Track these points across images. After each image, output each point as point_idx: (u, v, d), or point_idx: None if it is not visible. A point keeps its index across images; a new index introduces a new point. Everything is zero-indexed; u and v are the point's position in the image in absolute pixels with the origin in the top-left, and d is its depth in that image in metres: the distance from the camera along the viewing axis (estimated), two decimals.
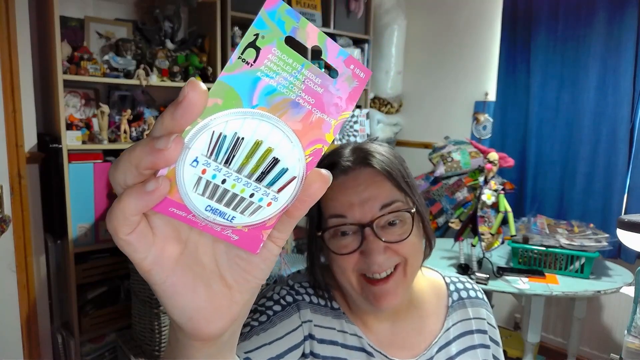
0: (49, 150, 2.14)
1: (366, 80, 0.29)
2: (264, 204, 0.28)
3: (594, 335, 2.72)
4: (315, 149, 0.28)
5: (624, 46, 2.46)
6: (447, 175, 2.84)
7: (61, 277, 2.35)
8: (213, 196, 0.27)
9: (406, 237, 0.71)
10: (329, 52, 0.27)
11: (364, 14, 3.26)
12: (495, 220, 1.96)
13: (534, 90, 2.81)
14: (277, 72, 0.26)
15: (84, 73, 2.15)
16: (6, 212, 2.06)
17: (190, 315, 0.29)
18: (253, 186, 0.27)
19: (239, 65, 0.26)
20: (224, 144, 0.26)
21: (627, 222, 1.89)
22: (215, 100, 0.26)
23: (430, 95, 3.49)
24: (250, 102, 0.26)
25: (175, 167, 0.26)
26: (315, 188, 0.29)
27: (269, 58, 0.26)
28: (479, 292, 0.89)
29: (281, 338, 0.71)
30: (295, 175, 0.28)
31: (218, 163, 0.26)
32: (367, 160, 0.73)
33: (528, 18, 2.82)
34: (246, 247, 0.29)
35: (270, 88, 0.26)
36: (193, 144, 0.26)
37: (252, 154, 0.27)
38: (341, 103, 0.28)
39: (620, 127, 2.50)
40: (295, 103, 0.27)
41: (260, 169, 0.27)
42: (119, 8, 2.48)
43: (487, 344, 0.85)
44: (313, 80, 0.27)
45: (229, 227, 0.28)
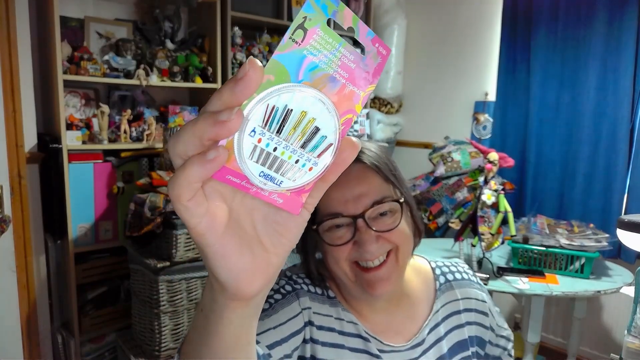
0: (49, 150, 2.14)
1: (387, 56, 0.32)
2: (307, 169, 0.31)
3: (594, 335, 2.72)
4: (347, 118, 0.32)
5: (624, 46, 2.46)
6: (447, 175, 2.84)
7: (61, 277, 2.35)
8: (266, 163, 0.30)
9: (396, 225, 0.75)
10: (360, 32, 0.31)
11: (363, 14, 3.26)
12: (495, 220, 1.96)
13: (534, 90, 2.81)
14: (319, 50, 0.29)
15: (84, 73, 2.15)
16: (6, 212, 2.06)
17: (236, 275, 0.32)
18: (298, 153, 0.31)
19: (290, 45, 0.29)
20: (276, 115, 0.29)
21: (627, 222, 1.89)
22: (268, 77, 0.28)
23: (430, 95, 3.49)
24: (297, 77, 0.29)
25: (235, 137, 0.29)
26: (347, 154, 0.32)
27: (313, 38, 0.29)
28: (464, 273, 0.93)
29: (284, 323, 0.75)
30: (332, 142, 0.31)
31: (271, 132, 0.29)
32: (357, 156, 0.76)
33: (528, 18, 2.82)
34: (289, 209, 0.32)
35: (313, 64, 0.30)
36: (252, 115, 0.29)
37: (298, 123, 0.30)
38: (369, 77, 0.32)
39: (620, 127, 2.50)
40: (332, 77, 0.30)
41: (304, 137, 0.30)
42: (119, 8, 2.48)
43: (472, 321, 0.89)
44: (348, 57, 0.31)
45: (275, 192, 0.31)
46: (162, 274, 2.00)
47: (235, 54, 2.63)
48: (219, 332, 0.37)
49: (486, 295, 0.93)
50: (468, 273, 0.94)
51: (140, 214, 2.06)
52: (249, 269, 0.33)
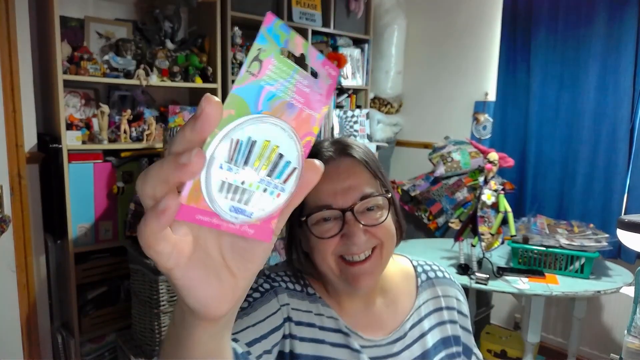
0: (49, 150, 2.14)
1: (336, 77, 0.34)
2: (275, 196, 0.32)
3: (594, 335, 2.72)
4: (307, 141, 0.33)
5: (623, 46, 2.46)
6: (447, 175, 2.84)
7: (61, 277, 2.35)
8: (235, 196, 0.30)
9: (383, 220, 0.77)
10: (310, 57, 0.32)
11: (364, 14, 3.26)
12: (495, 220, 1.96)
13: (534, 90, 2.81)
14: (275, 79, 0.30)
15: (84, 73, 2.15)
16: (6, 212, 2.06)
17: (204, 303, 0.33)
18: (265, 182, 0.31)
19: (247, 78, 0.29)
20: (242, 148, 0.30)
21: (627, 222, 1.89)
22: (229, 112, 0.29)
23: (430, 95, 3.49)
24: (257, 107, 0.30)
25: (202, 176, 0.29)
26: (309, 175, 0.33)
27: (269, 68, 0.30)
28: (445, 272, 0.97)
29: (263, 321, 0.76)
30: (296, 166, 0.32)
31: (237, 166, 0.30)
32: (347, 151, 0.80)
33: (528, 18, 2.82)
34: (261, 238, 0.33)
35: (271, 94, 0.30)
36: (217, 152, 0.29)
37: (263, 153, 0.31)
38: (322, 99, 0.33)
39: (620, 127, 2.50)
40: (290, 104, 0.31)
41: (270, 166, 0.31)
42: (119, 8, 2.48)
43: (455, 320, 0.91)
44: (302, 82, 0.32)
45: (245, 224, 0.32)
46: (162, 274, 2.00)
47: (235, 54, 2.63)
48: (190, 347, 0.38)
49: (464, 298, 0.96)
50: (449, 273, 0.97)
51: (140, 214, 2.05)
52: (216, 296, 0.33)
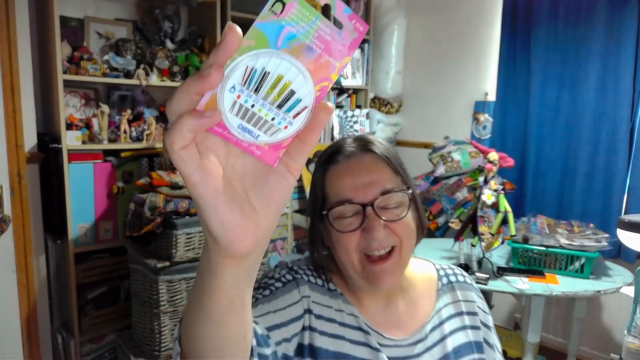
0: (49, 150, 2.14)
1: (364, 32, 0.35)
2: (282, 127, 0.34)
3: (594, 335, 2.72)
4: (322, 85, 0.35)
5: (623, 46, 2.46)
6: (447, 175, 2.84)
7: (61, 277, 2.35)
8: (244, 117, 0.33)
9: (403, 215, 0.78)
10: (337, 9, 0.34)
11: (363, 14, 3.26)
12: (495, 220, 1.96)
13: (534, 90, 2.81)
14: (297, 22, 0.33)
15: (84, 73, 2.15)
16: (6, 212, 2.06)
17: (227, 229, 0.35)
18: (274, 111, 0.34)
19: (269, 15, 0.32)
20: (254, 76, 0.33)
21: (627, 222, 1.89)
22: (249, 42, 0.32)
23: (430, 95, 3.49)
24: (276, 44, 0.33)
25: (217, 93, 0.32)
26: (322, 116, 0.35)
27: (291, 11, 0.32)
28: (467, 277, 0.96)
29: (284, 309, 0.76)
30: (306, 105, 0.34)
31: (249, 91, 0.33)
32: (369, 147, 0.81)
33: (528, 18, 2.82)
34: (266, 161, 0.35)
35: (291, 34, 0.33)
36: (232, 74, 0.32)
37: (275, 85, 0.33)
38: (344, 49, 0.34)
39: (620, 127, 2.50)
40: (309, 47, 0.33)
41: (280, 98, 0.34)
42: (119, 8, 2.48)
43: (476, 326, 0.90)
44: (324, 30, 0.34)
45: (253, 144, 0.35)
46: (162, 274, 2.00)
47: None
48: (214, 291, 0.40)
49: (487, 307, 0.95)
50: (470, 279, 0.96)
51: (140, 214, 2.06)
52: (239, 224, 0.35)
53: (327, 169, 0.83)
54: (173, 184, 2.11)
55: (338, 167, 0.81)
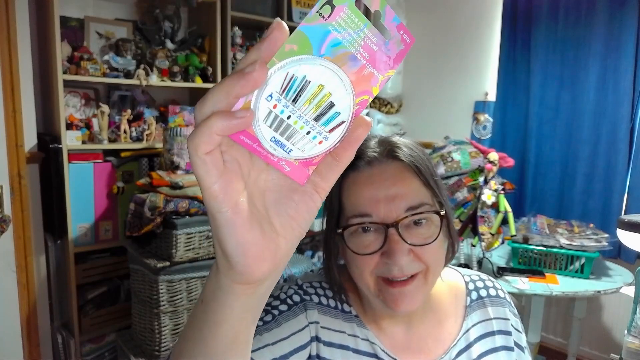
0: (49, 150, 2.14)
1: (410, 45, 0.33)
2: (317, 141, 0.32)
3: (594, 335, 2.72)
4: (362, 99, 0.32)
5: (623, 46, 2.46)
6: (447, 175, 2.83)
7: (61, 277, 2.35)
8: (278, 129, 0.30)
9: (432, 241, 0.66)
10: (386, 17, 0.32)
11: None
12: (495, 220, 1.96)
13: (534, 90, 2.81)
14: (344, 28, 0.30)
15: (84, 73, 2.15)
16: (6, 212, 2.06)
17: (244, 249, 0.32)
18: (311, 124, 0.31)
19: (316, 18, 0.29)
20: (294, 84, 0.30)
21: (627, 222, 1.88)
22: (292, 46, 0.29)
23: (430, 95, 3.49)
24: (320, 51, 0.30)
25: (252, 100, 0.29)
26: (359, 132, 0.32)
27: (340, 15, 0.30)
28: (500, 290, 0.84)
29: (286, 338, 0.68)
30: (344, 119, 0.32)
31: (287, 100, 0.30)
32: (394, 153, 0.69)
33: (528, 18, 2.82)
34: (295, 178, 0.33)
35: (336, 41, 0.30)
36: (270, 81, 0.29)
37: (314, 96, 0.30)
38: (390, 62, 0.32)
39: (620, 127, 2.50)
40: (353, 56, 0.31)
41: (318, 110, 0.31)
42: (119, 8, 2.48)
43: (510, 346, 0.79)
44: (371, 39, 0.31)
45: (283, 159, 0.32)
46: (162, 274, 2.00)
47: (235, 54, 2.63)
48: (219, 323, 0.36)
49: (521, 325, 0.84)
50: (504, 292, 0.85)
51: (140, 214, 2.06)
52: (257, 245, 0.32)
53: (345, 174, 0.70)
54: (173, 184, 2.11)
55: (358, 175, 0.69)
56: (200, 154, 0.29)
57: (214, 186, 0.30)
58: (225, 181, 0.30)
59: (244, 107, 0.29)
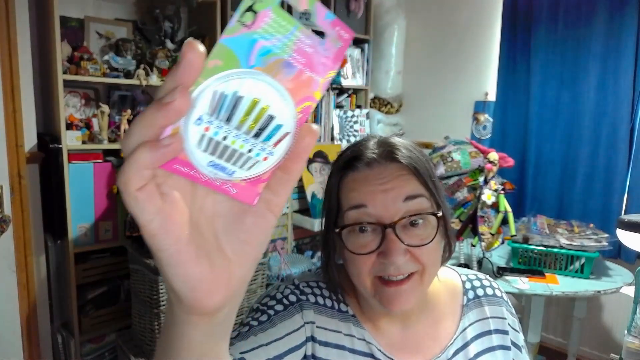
0: (49, 150, 2.14)
1: (349, 41, 0.30)
2: (261, 158, 0.30)
3: (594, 335, 2.72)
4: (305, 106, 0.30)
5: (623, 46, 2.47)
6: (447, 175, 2.84)
7: (61, 277, 2.35)
8: (215, 152, 0.28)
9: (428, 242, 0.67)
10: (318, 15, 0.29)
11: (364, 14, 3.26)
12: (495, 220, 1.96)
13: (534, 90, 2.81)
14: (272, 34, 0.28)
15: (84, 73, 2.15)
16: (6, 212, 2.06)
17: (192, 285, 0.29)
18: (251, 142, 0.29)
19: (238, 28, 0.27)
20: (225, 102, 0.27)
21: (627, 222, 1.89)
22: (215, 62, 0.27)
23: (430, 95, 3.49)
24: (248, 62, 0.27)
25: (180, 126, 0.27)
26: (307, 141, 0.30)
27: (265, 21, 0.27)
28: (497, 289, 0.84)
29: (281, 339, 0.68)
30: (288, 131, 0.30)
31: (220, 121, 0.28)
32: (394, 155, 0.70)
33: (528, 18, 2.82)
34: (244, 200, 0.30)
35: (265, 49, 0.28)
36: (197, 103, 0.27)
37: (250, 111, 0.28)
38: (328, 62, 0.30)
39: (620, 127, 2.51)
40: (287, 63, 0.28)
41: (257, 126, 0.29)
42: (119, 8, 2.48)
43: (507, 345, 0.80)
44: (304, 42, 0.29)
45: (228, 182, 0.29)
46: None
47: None
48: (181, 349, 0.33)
49: (518, 324, 0.84)
50: (501, 291, 0.85)
51: None
52: (207, 279, 0.30)
53: (344, 175, 0.71)
54: None
55: (356, 175, 0.70)
56: (131, 191, 0.26)
57: (152, 224, 0.28)
58: (164, 217, 0.28)
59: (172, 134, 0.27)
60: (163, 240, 0.28)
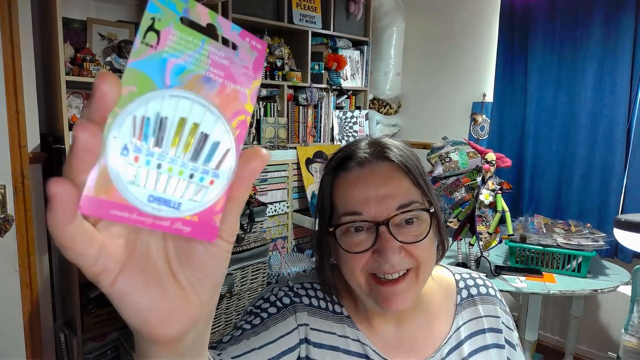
0: (52, 150, 2.16)
1: (264, 50, 0.29)
2: (206, 182, 0.27)
3: (591, 333, 2.74)
4: (239, 120, 0.28)
5: (620, 47, 2.48)
6: (445, 175, 2.85)
7: (64, 276, 2.37)
8: (152, 184, 0.26)
9: (422, 238, 0.67)
10: (223, 28, 0.28)
11: (363, 16, 3.28)
12: (492, 219, 1.98)
13: (531, 91, 2.83)
14: (181, 50, 0.26)
15: (87, 74, 2.17)
16: (9, 211, 2.08)
17: (143, 317, 0.28)
18: (190, 166, 0.27)
19: (144, 50, 0.25)
20: (149, 126, 0.25)
21: (623, 221, 1.90)
22: (129, 88, 0.25)
23: (428, 96, 3.51)
24: (164, 83, 0.25)
25: (106, 163, 0.24)
26: (254, 165, 0.28)
27: (170, 39, 0.25)
28: (490, 288, 0.84)
29: (274, 342, 0.68)
30: (228, 147, 0.28)
31: (148, 146, 0.25)
32: (385, 154, 0.70)
33: (525, 20, 2.84)
34: (201, 237, 0.28)
35: (179, 67, 0.26)
36: (118, 133, 0.24)
37: (179, 132, 0.26)
38: (249, 72, 0.28)
39: (617, 128, 2.52)
40: (206, 78, 0.27)
41: (192, 147, 0.26)
42: (121, 10, 2.50)
43: (501, 344, 0.79)
44: (217, 54, 0.27)
45: (178, 220, 0.27)
46: None
47: None
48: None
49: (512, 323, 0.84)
50: (495, 290, 0.85)
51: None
52: (159, 309, 0.28)
53: (336, 175, 0.72)
54: None
55: (349, 175, 0.70)
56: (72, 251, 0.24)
57: (94, 268, 0.25)
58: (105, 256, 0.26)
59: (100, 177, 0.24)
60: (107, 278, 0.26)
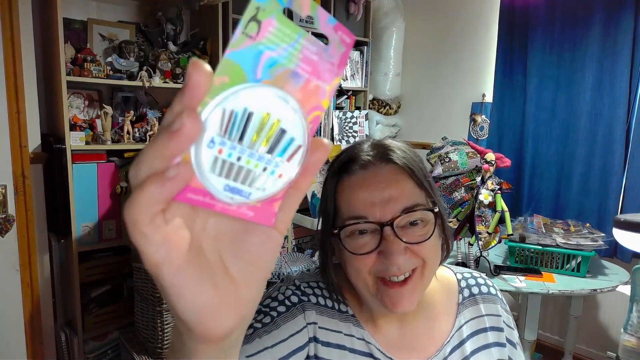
0: (53, 150, 2.17)
1: (351, 45, 0.29)
2: (276, 176, 0.28)
3: (591, 333, 2.75)
4: (314, 116, 0.29)
5: (620, 48, 2.49)
6: (444, 175, 2.86)
7: (65, 275, 2.38)
8: (230, 175, 0.27)
9: (428, 237, 0.67)
10: (320, 20, 0.28)
11: (363, 17, 3.29)
12: (492, 219, 1.99)
13: (531, 91, 2.84)
14: (277, 43, 0.26)
15: (88, 74, 2.18)
16: (10, 211, 2.09)
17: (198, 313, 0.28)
18: (265, 159, 0.27)
19: (243, 40, 0.25)
20: (236, 120, 0.26)
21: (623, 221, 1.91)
22: (222, 79, 0.25)
23: (428, 96, 3.52)
24: (255, 76, 0.26)
25: (192, 150, 0.25)
26: (318, 156, 0.29)
27: (269, 30, 0.26)
28: (491, 287, 0.85)
29: (285, 340, 0.69)
30: (300, 144, 0.28)
31: (232, 141, 0.26)
32: (388, 156, 0.70)
33: (525, 20, 2.85)
34: (261, 221, 0.29)
35: (272, 60, 0.26)
36: (208, 124, 0.25)
37: (262, 127, 0.27)
38: (334, 69, 0.29)
39: (616, 128, 2.53)
40: (295, 73, 0.27)
41: (270, 142, 0.27)
42: (122, 10, 2.51)
43: (502, 343, 0.81)
44: (309, 49, 0.28)
45: (244, 205, 0.28)
46: None
47: None
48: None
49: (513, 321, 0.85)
50: (496, 289, 0.86)
51: None
52: (213, 305, 0.28)
53: (340, 178, 0.72)
54: None
55: (352, 178, 0.70)
56: (141, 227, 0.25)
57: (156, 255, 0.26)
58: (168, 245, 0.26)
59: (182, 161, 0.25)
60: (167, 269, 0.26)
